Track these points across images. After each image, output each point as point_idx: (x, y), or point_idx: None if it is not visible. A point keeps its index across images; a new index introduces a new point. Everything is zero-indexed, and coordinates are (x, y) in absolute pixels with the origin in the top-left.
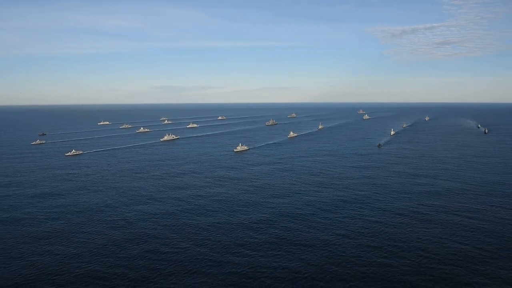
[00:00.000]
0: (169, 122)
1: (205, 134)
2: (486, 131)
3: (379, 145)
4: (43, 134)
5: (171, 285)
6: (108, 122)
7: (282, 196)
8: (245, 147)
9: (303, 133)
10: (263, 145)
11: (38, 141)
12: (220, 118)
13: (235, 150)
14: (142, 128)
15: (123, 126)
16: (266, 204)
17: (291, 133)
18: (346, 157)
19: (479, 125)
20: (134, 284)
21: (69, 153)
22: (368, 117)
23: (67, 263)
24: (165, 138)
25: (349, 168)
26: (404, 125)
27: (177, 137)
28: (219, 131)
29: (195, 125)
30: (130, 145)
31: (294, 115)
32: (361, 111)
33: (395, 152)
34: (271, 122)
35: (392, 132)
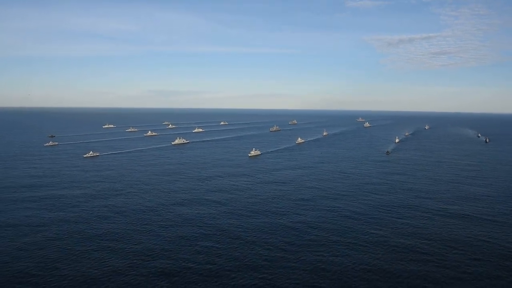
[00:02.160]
0: (173, 126)
1: (213, 139)
2: (487, 140)
3: (388, 152)
4: (52, 136)
5: (233, 280)
6: (112, 126)
7: (314, 199)
8: (258, 152)
9: (310, 139)
10: (274, 150)
11: (51, 143)
12: (222, 123)
13: (249, 154)
14: (150, 132)
15: (129, 130)
16: (301, 207)
17: (299, 139)
18: (360, 163)
19: (479, 135)
20: (201, 278)
21: (87, 155)
22: (369, 125)
23: (135, 260)
24: (176, 141)
25: (368, 174)
26: (407, 133)
27: (187, 141)
28: (226, 136)
29: (200, 130)
30: (144, 148)
31: (295, 121)
32: (360, 119)
33: (405, 159)
34: (275, 128)
35: (397, 140)
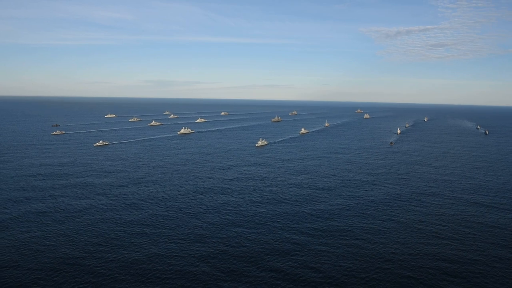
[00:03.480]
0: (175, 116)
1: (217, 129)
2: (487, 132)
3: (391, 143)
4: (56, 125)
5: (268, 262)
6: (114, 115)
7: (330, 188)
8: (265, 142)
9: (313, 130)
10: (280, 141)
11: (57, 132)
12: (223, 113)
13: (256, 144)
14: (153, 122)
15: (132, 119)
16: (318, 195)
17: (303, 129)
18: (367, 154)
19: (479, 127)
20: (237, 260)
21: (97, 144)
22: (368, 116)
23: (171, 245)
24: (182, 131)
25: (376, 164)
26: (407, 125)
27: (192, 131)
28: (230, 126)
29: (203, 120)
30: (151, 138)
31: (295, 112)
32: (359, 110)
33: (409, 150)
34: (276, 119)
35: (399, 131)
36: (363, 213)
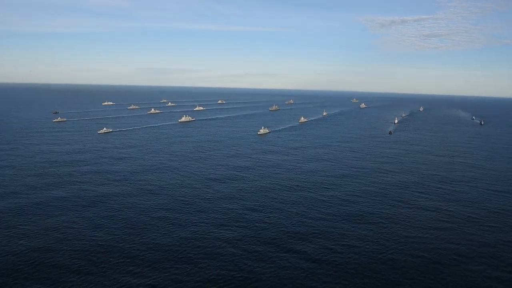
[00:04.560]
0: (173, 104)
1: (217, 117)
2: (482, 122)
3: (390, 133)
4: (56, 112)
5: (290, 244)
6: (112, 103)
7: (338, 176)
8: (267, 130)
9: (312, 118)
10: (281, 129)
11: (59, 119)
12: (220, 102)
13: (258, 132)
14: (153, 110)
15: (130, 107)
16: (329, 182)
17: (302, 118)
18: (368, 143)
19: (474, 117)
20: (261, 243)
21: (101, 131)
22: (365, 106)
23: (196, 229)
24: (183, 119)
25: (377, 153)
26: (403, 115)
27: (193, 119)
28: (229, 115)
29: (201, 108)
30: (153, 125)
31: (291, 101)
32: (355, 99)
33: (409, 139)
34: (274, 107)
35: (396, 121)
36: (373, 199)
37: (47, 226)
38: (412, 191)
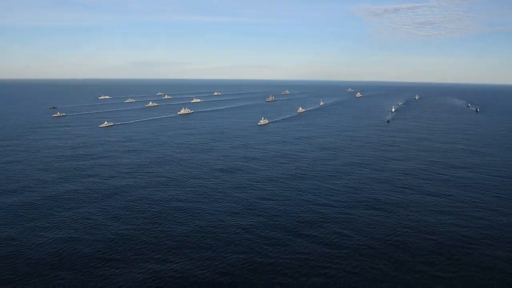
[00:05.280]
0: (169, 97)
1: (215, 108)
2: (478, 109)
3: (388, 121)
4: (53, 108)
5: (301, 230)
6: (108, 97)
7: (346, 164)
8: (267, 121)
9: (310, 109)
10: (280, 120)
11: (58, 114)
12: (215, 94)
13: (259, 123)
14: (150, 103)
15: (127, 101)
16: (337, 171)
17: (300, 108)
18: (368, 132)
19: (469, 104)
20: (281, 231)
21: (102, 125)
22: (360, 95)
23: (213, 218)
24: (182, 111)
25: (378, 141)
26: (400, 103)
27: (191, 111)
28: (226, 106)
29: (198, 100)
30: (153, 118)
31: (287, 92)
32: (349, 89)
33: (407, 127)
34: (271, 98)
35: (393, 109)
36: (379, 185)
37: (65, 218)
38: (417, 177)
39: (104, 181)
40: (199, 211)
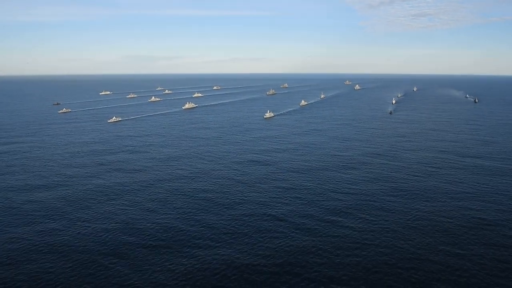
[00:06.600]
0: (170, 92)
1: (218, 102)
2: (476, 100)
3: (390, 112)
4: (57, 104)
5: (324, 216)
6: (109, 92)
7: (357, 156)
8: (272, 114)
9: (311, 102)
10: (285, 112)
11: (64, 110)
12: (215, 88)
13: (264, 116)
14: (153, 98)
15: (129, 96)
16: (350, 163)
17: (303, 101)
18: (373, 123)
19: (467, 95)
20: (306, 219)
21: (111, 120)
22: (359, 88)
23: (235, 211)
24: (187, 106)
25: (383, 133)
26: (399, 95)
27: (196, 106)
28: (229, 100)
29: (200, 95)
30: (159, 113)
31: (286, 85)
32: (347, 81)
33: (410, 118)
34: (271, 92)
35: (394, 101)
36: (393, 174)
37: (103, 210)
38: (430, 166)
39: (129, 175)
40: (228, 202)
